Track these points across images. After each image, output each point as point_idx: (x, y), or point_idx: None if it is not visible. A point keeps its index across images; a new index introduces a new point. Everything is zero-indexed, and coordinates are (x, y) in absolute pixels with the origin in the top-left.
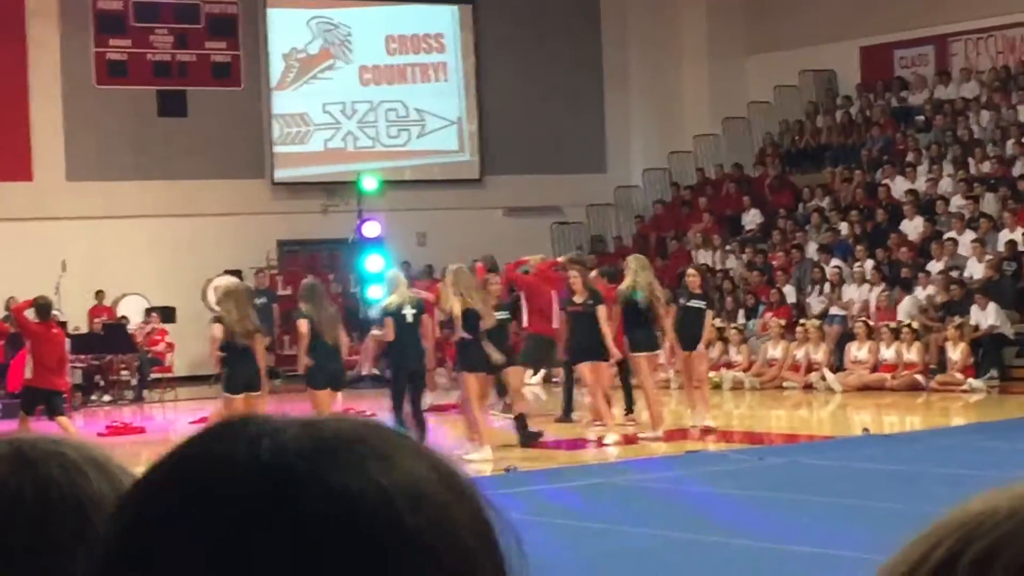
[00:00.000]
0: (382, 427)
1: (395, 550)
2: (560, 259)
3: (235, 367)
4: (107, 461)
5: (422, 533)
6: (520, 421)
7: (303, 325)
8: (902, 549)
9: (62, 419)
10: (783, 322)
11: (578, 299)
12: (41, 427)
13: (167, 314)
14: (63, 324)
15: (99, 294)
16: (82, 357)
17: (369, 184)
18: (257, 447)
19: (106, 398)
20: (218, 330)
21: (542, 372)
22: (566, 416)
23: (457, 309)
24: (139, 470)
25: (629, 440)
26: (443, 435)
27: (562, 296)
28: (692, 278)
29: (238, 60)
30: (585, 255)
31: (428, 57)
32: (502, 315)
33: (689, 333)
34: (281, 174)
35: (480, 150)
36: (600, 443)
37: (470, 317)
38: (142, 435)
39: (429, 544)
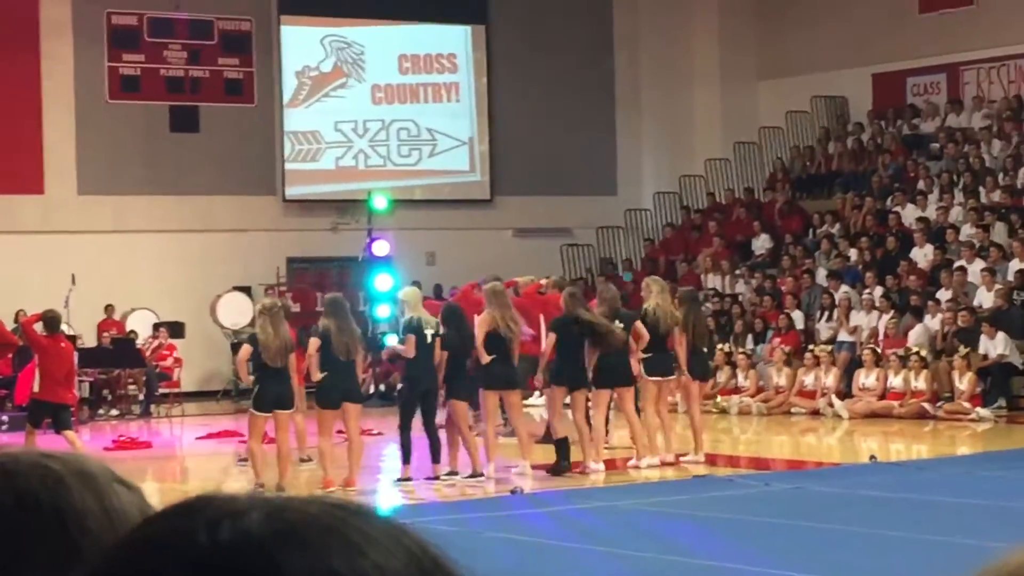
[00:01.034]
0: (362, 515)
1: None
2: (543, 281)
3: (266, 385)
4: (96, 475)
5: None
6: (561, 445)
7: (313, 344)
8: None
9: (69, 433)
10: (788, 349)
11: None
12: (48, 441)
13: (176, 329)
14: (72, 338)
15: (108, 308)
16: (90, 371)
17: (379, 203)
18: (216, 530)
19: (113, 412)
20: (245, 351)
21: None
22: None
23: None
24: (141, 483)
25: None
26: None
27: (549, 318)
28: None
29: (251, 77)
30: (564, 278)
31: (440, 77)
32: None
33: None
34: (292, 191)
35: (491, 170)
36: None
37: (495, 337)
38: (149, 450)
39: None
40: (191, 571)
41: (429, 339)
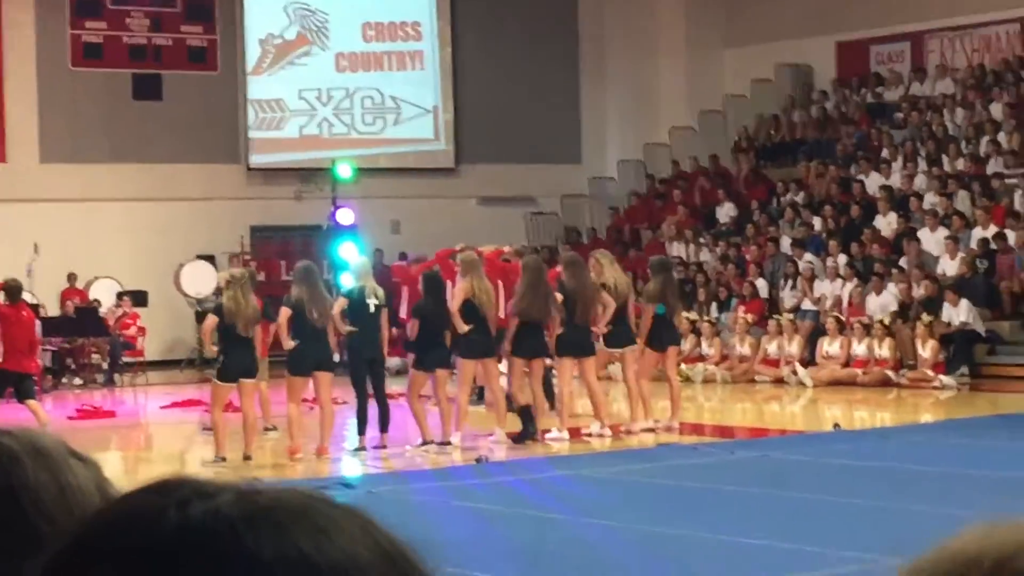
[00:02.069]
0: (332, 503)
1: None
2: (506, 249)
3: (232, 355)
4: (51, 450)
5: None
6: (525, 413)
7: (284, 313)
8: None
9: (32, 402)
10: (750, 317)
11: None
12: (11, 410)
13: (139, 298)
14: (35, 307)
15: (71, 277)
16: (53, 340)
17: (344, 171)
18: (186, 508)
19: (77, 381)
20: (211, 321)
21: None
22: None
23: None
24: (105, 452)
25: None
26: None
27: (509, 287)
28: None
29: (214, 44)
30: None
31: (405, 45)
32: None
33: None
34: (256, 159)
35: (455, 139)
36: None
37: (472, 306)
38: (112, 419)
39: None
40: (160, 548)
41: (372, 309)
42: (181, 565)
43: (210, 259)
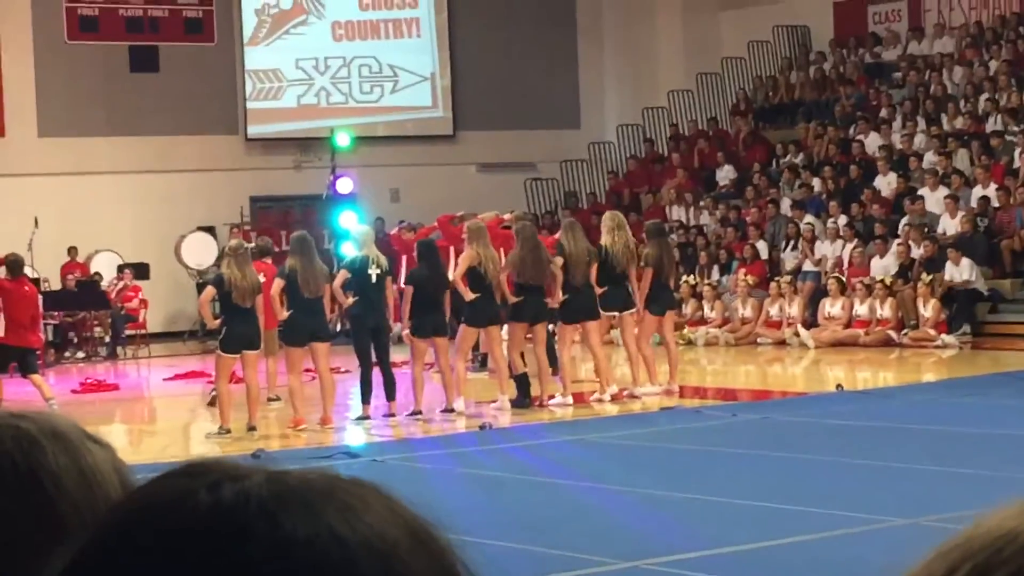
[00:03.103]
0: (358, 483)
1: None
2: (506, 216)
3: (234, 326)
4: (68, 433)
5: None
6: (521, 381)
7: (277, 285)
8: (916, 569)
9: (35, 377)
10: (751, 280)
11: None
12: (14, 385)
13: (140, 270)
14: (36, 281)
15: (72, 250)
16: (55, 314)
17: (342, 140)
18: (218, 491)
19: (79, 355)
20: (208, 293)
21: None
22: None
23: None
24: (109, 425)
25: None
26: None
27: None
28: None
29: (210, 15)
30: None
31: (401, 12)
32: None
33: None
34: (254, 130)
35: (453, 106)
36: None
37: (477, 274)
38: (116, 392)
39: None
40: (193, 529)
41: (374, 279)
42: (215, 546)
43: (210, 230)
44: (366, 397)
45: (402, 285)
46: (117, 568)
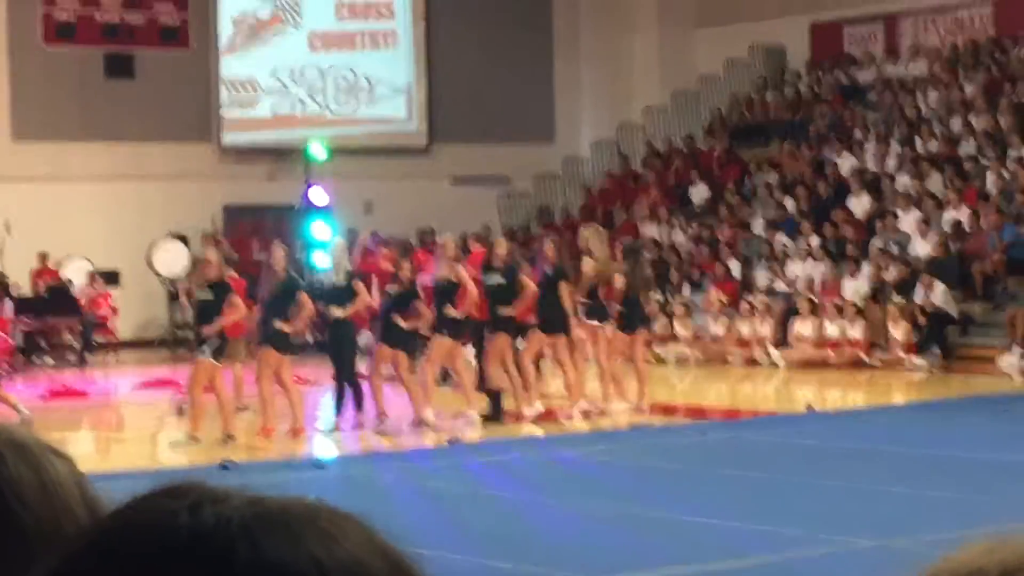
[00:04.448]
0: (337, 511)
1: None
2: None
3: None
4: (29, 445)
5: None
6: (495, 396)
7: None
8: None
9: None
10: (724, 298)
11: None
12: None
13: (111, 277)
14: (6, 286)
15: (43, 256)
16: (25, 319)
17: (317, 151)
18: (199, 513)
19: (49, 361)
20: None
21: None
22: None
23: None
24: (77, 432)
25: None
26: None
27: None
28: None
29: (187, 23)
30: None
31: (378, 24)
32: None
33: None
34: (229, 139)
35: (428, 118)
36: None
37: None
38: (84, 399)
39: None
40: (174, 551)
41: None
42: (196, 569)
43: (183, 238)
44: (339, 408)
45: (372, 304)
46: None
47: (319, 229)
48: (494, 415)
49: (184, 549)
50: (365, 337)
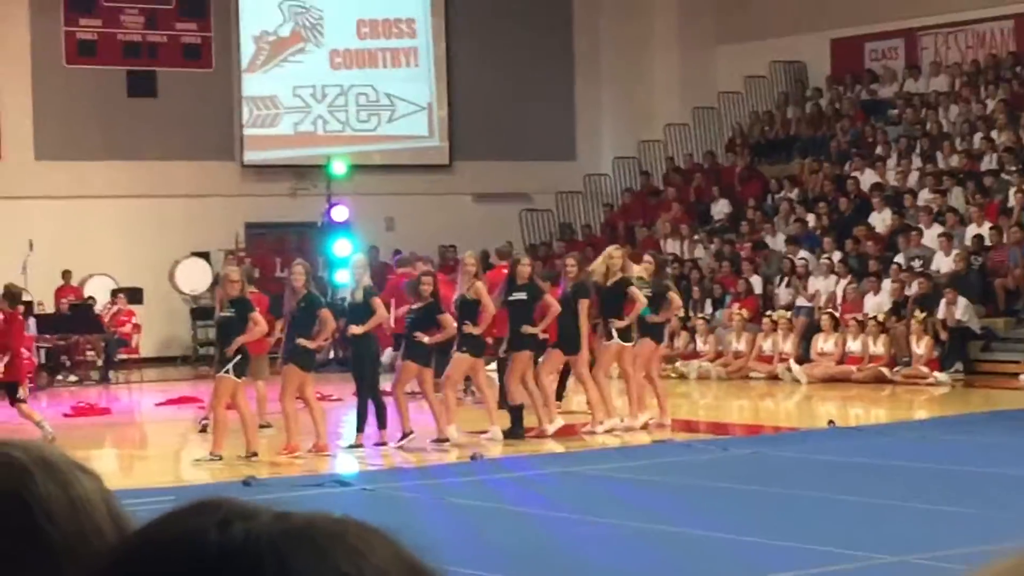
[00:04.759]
0: (364, 526)
1: None
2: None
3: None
4: (58, 463)
5: None
6: (516, 412)
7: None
8: None
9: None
10: (745, 314)
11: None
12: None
13: (134, 295)
14: (30, 304)
15: (66, 274)
16: (48, 337)
17: (338, 168)
18: (228, 530)
19: (72, 379)
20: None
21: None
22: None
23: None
24: (100, 449)
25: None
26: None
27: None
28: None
29: (209, 41)
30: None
31: (399, 42)
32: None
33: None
34: (250, 156)
35: (450, 136)
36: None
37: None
38: (107, 416)
39: None
40: (204, 568)
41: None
42: None
43: (205, 256)
44: (361, 425)
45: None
46: None
47: (341, 246)
48: (515, 431)
49: (213, 566)
50: (387, 355)
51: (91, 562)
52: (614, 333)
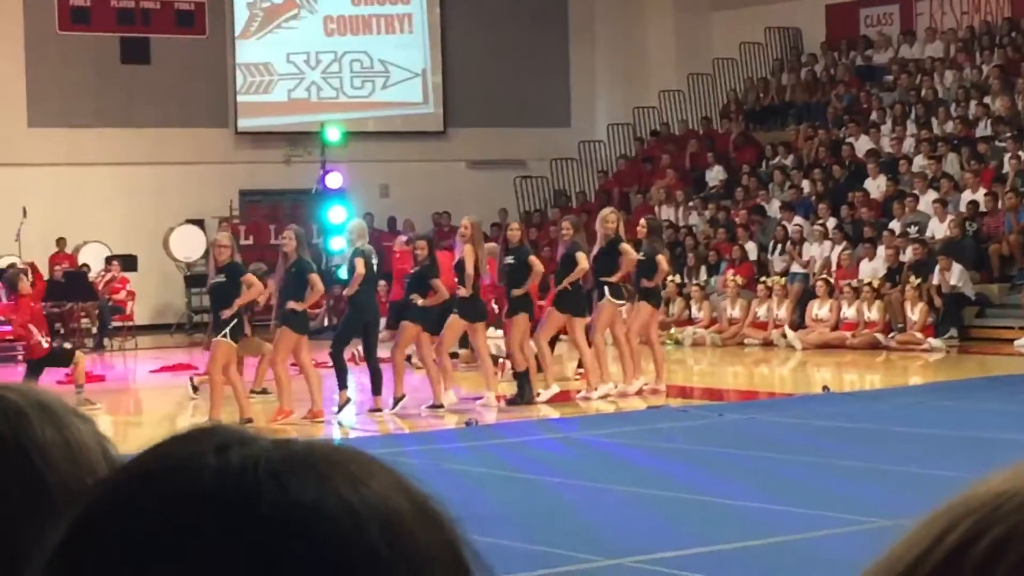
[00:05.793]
0: (362, 453)
1: (357, 567)
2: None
3: (242, 317)
4: (54, 405)
5: (386, 553)
6: (523, 377)
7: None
8: (915, 528)
9: None
10: (740, 280)
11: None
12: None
13: (128, 262)
14: (23, 271)
15: (60, 241)
16: (42, 304)
17: (332, 135)
18: (226, 453)
19: (66, 346)
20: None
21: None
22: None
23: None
24: (95, 417)
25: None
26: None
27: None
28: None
29: (202, 8)
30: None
31: (393, 8)
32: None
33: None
34: (244, 123)
35: (444, 102)
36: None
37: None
38: (102, 383)
39: (391, 566)
40: (201, 493)
41: (375, 269)
42: (224, 510)
43: (199, 223)
44: (343, 383)
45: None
46: (121, 533)
47: (335, 213)
48: (522, 396)
49: (210, 491)
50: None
51: (86, 492)
52: (606, 291)
